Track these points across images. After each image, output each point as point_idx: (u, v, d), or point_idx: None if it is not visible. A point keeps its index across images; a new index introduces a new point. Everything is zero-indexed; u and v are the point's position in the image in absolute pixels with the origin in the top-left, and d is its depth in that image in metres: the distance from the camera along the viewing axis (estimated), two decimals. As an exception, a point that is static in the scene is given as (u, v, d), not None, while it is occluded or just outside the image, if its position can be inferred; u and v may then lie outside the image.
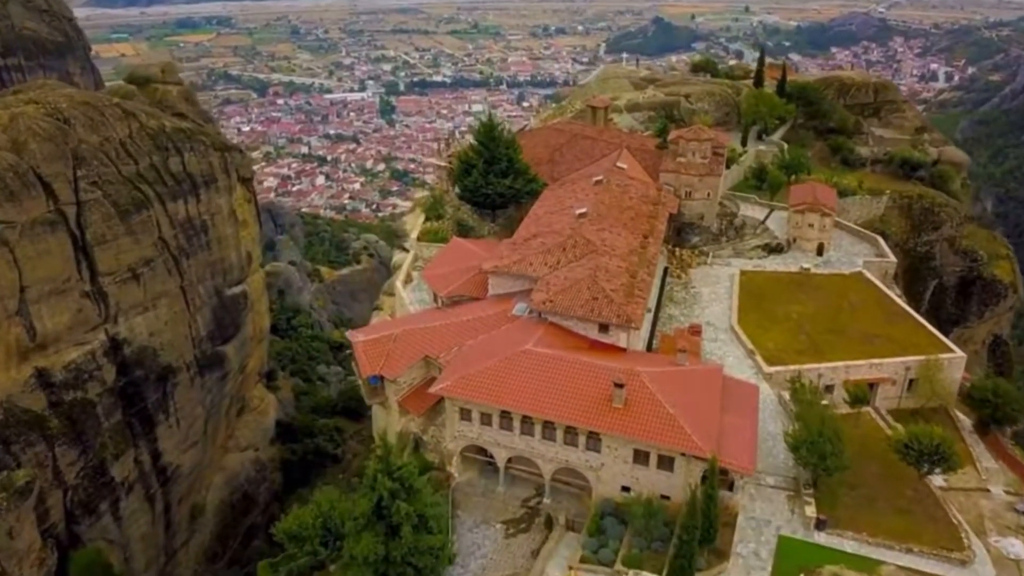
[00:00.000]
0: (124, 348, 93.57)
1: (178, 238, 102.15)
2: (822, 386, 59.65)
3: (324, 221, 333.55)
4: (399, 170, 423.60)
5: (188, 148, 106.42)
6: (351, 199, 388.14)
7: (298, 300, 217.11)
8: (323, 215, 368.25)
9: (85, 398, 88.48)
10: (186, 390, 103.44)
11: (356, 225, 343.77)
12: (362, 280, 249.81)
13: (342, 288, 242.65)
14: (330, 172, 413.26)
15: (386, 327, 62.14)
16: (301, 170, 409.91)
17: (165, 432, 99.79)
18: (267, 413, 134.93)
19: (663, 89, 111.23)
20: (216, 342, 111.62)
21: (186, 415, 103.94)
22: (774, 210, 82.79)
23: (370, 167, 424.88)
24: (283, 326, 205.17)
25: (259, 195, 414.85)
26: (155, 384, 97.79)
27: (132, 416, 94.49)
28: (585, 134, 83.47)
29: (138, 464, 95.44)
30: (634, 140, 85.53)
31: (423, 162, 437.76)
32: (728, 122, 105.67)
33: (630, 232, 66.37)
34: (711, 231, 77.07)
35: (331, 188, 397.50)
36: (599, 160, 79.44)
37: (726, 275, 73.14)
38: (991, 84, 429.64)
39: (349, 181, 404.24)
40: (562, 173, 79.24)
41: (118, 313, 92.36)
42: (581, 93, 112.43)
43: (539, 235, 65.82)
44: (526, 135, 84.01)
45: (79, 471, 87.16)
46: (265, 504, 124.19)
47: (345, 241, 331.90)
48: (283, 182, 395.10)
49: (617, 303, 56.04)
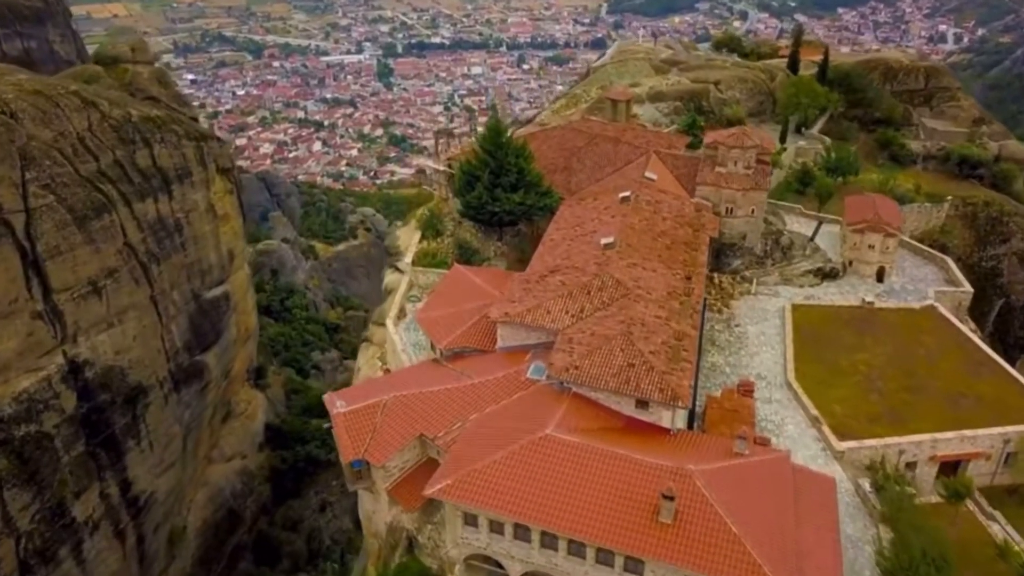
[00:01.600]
0: (86, 371, 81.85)
1: (147, 242, 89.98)
2: (903, 463, 48.28)
3: (321, 190, 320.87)
4: (397, 135, 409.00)
5: (158, 139, 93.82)
6: (348, 166, 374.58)
7: (292, 280, 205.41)
8: (320, 183, 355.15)
9: (40, 431, 76.87)
10: (159, 410, 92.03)
11: (353, 194, 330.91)
12: (359, 256, 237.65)
13: (338, 265, 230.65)
14: (327, 138, 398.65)
15: (373, 389, 50.34)
16: (298, 136, 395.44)
17: (136, 459, 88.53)
18: (255, 417, 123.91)
19: (688, 74, 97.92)
20: (194, 352, 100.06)
21: (160, 436, 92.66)
22: (822, 223, 70.70)
23: (368, 132, 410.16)
24: (277, 308, 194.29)
25: (255, 162, 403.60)
26: (123, 407, 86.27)
27: (96, 446, 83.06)
28: (606, 135, 70.91)
29: (104, 499, 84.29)
30: (661, 140, 73.01)
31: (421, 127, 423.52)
32: (762, 112, 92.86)
33: (667, 266, 54.32)
34: (754, 253, 65.02)
35: (328, 155, 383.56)
36: (623, 168, 67.01)
37: (774, 309, 61.23)
38: (1002, 46, 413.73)
39: (346, 147, 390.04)
40: (581, 183, 66.89)
41: (77, 332, 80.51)
42: (596, 78, 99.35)
43: (557, 271, 53.77)
44: (538, 136, 71.43)
45: (34, 515, 75.83)
46: (252, 520, 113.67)
47: (342, 212, 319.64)
48: (279, 148, 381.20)
49: (659, 371, 44.25)
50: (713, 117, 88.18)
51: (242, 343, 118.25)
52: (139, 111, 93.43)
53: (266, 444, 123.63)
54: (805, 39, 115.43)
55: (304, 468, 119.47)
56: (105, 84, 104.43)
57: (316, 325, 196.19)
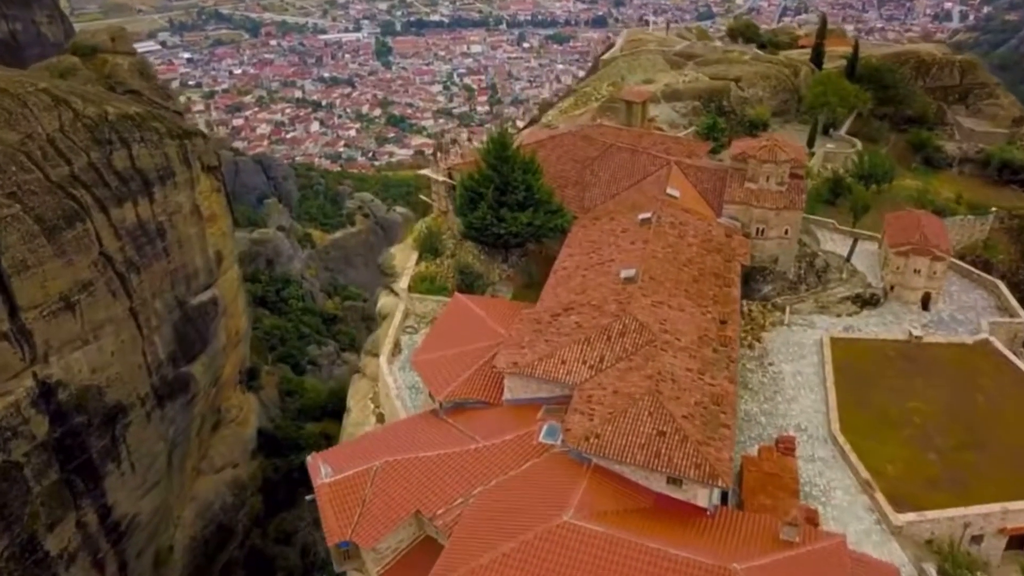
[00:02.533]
0: (58, 392, 75.03)
1: (126, 250, 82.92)
2: (967, 537, 41.82)
3: (318, 173, 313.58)
4: (395, 115, 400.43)
5: (137, 139, 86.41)
6: (347, 147, 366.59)
7: (288, 269, 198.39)
8: (318, 164, 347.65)
9: (7, 461, 70.14)
10: (142, 428, 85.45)
11: (351, 176, 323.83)
12: (356, 243, 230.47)
13: (335, 253, 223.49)
14: (325, 118, 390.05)
15: (362, 449, 43.64)
16: (295, 116, 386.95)
17: (116, 482, 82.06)
18: (247, 423, 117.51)
19: (706, 69, 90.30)
20: (180, 363, 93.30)
21: (143, 456, 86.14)
22: (858, 240, 63.75)
23: (366, 112, 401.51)
24: (272, 298, 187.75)
25: (252, 143, 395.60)
26: (101, 429, 79.62)
27: (72, 472, 76.49)
28: (621, 143, 63.72)
29: (81, 528, 77.90)
30: (682, 147, 65.84)
31: (420, 107, 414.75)
32: (785, 112, 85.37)
33: (696, 303, 47.51)
34: (787, 278, 58.24)
35: (326, 135, 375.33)
36: (641, 181, 59.94)
37: (811, 342, 54.50)
38: (1008, 25, 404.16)
39: (344, 128, 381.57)
40: (595, 199, 59.82)
41: (48, 352, 73.60)
42: (607, 73, 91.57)
43: (572, 309, 46.96)
44: (546, 144, 64.20)
45: (1, 552, 69.75)
46: (244, 534, 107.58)
47: (340, 195, 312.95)
48: (276, 129, 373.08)
49: (694, 442, 37.58)
50: (734, 118, 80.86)
51: (233, 347, 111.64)
52: (116, 108, 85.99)
53: (259, 451, 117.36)
54: (833, 29, 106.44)
55: (299, 478, 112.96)
56: (82, 77, 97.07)
57: (313, 316, 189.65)
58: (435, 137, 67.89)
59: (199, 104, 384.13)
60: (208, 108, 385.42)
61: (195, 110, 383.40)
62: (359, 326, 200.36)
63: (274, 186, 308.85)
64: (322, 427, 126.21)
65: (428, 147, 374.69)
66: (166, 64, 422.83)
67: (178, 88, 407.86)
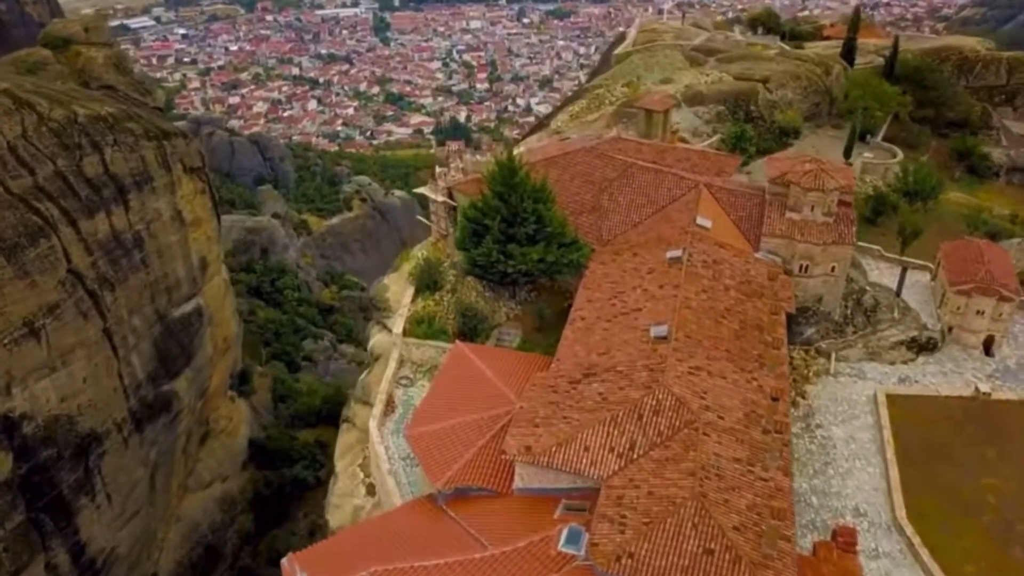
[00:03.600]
0: (23, 426, 67.89)
1: (98, 265, 75.41)
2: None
3: (315, 154, 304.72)
4: (394, 93, 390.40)
5: (110, 142, 78.62)
6: (344, 125, 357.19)
7: (283, 258, 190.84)
8: (315, 144, 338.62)
9: (-36, 508, 63.71)
10: (118, 456, 78.49)
11: (349, 156, 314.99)
12: (354, 229, 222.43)
13: (332, 240, 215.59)
14: (322, 96, 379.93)
15: (345, 554, 36.36)
16: (292, 94, 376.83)
17: (90, 517, 75.17)
18: (237, 433, 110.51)
19: (729, 67, 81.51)
20: (161, 381, 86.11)
21: (121, 485, 79.22)
22: (907, 270, 56.14)
23: (364, 90, 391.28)
24: (267, 289, 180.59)
25: (248, 121, 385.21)
26: (72, 461, 72.58)
27: (40, 511, 69.62)
28: (643, 162, 55.83)
29: (52, 570, 71.00)
30: (709, 163, 58.01)
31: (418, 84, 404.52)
32: (817, 115, 76.96)
33: (739, 367, 40.07)
34: (832, 319, 50.89)
35: (323, 114, 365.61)
36: (667, 208, 52.24)
37: (862, 398, 47.16)
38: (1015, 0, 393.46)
39: (342, 106, 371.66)
40: (615, 228, 52.05)
41: (11, 383, 66.33)
42: (621, 72, 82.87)
43: (594, 373, 39.57)
44: (558, 163, 56.27)
45: (-41, 607, 63.14)
46: (234, 554, 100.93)
47: (338, 176, 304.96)
48: (273, 107, 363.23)
49: (748, 563, 30.40)
50: (763, 124, 72.70)
51: (221, 355, 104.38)
52: (87, 110, 77.96)
53: (250, 462, 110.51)
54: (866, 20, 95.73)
55: (291, 492, 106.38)
56: (53, 73, 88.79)
57: (309, 307, 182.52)
58: (435, 157, 58.17)
59: (195, 81, 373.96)
60: (204, 85, 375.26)
61: (191, 87, 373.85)
62: (356, 316, 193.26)
63: (271, 167, 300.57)
64: (316, 434, 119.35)
65: (427, 125, 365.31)
66: (160, 40, 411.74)
67: (173, 65, 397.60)
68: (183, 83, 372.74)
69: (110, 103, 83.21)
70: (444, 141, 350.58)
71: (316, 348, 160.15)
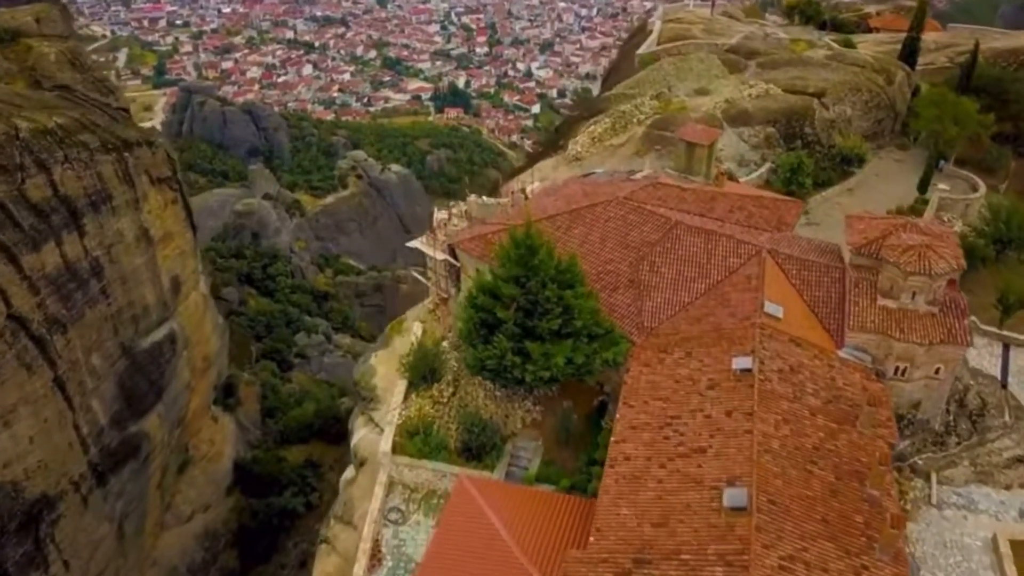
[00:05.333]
0: (-45, 502, 57.70)
1: (46, 305, 63.97)
2: None
3: (311, 123, 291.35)
4: (391, 58, 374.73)
5: (60, 159, 66.64)
6: (341, 91, 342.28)
7: (276, 243, 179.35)
8: (311, 111, 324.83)
9: None
10: (76, 518, 68.00)
11: (346, 127, 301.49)
12: (349, 208, 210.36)
13: (327, 220, 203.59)
14: (318, 61, 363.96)
15: None
16: (287, 58, 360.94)
17: (44, 591, 65.14)
18: (221, 456, 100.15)
19: (774, 74, 67.75)
20: (127, 423, 75.40)
21: (81, 548, 68.88)
22: (1010, 348, 45.05)
23: (360, 54, 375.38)
24: (259, 275, 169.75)
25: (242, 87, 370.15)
26: (19, 534, 61.90)
27: (-20, 596, 59.65)
28: (687, 212, 44.29)
29: (-1, 658, 61.27)
30: (767, 212, 46.49)
31: (416, 48, 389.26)
32: (879, 134, 64.18)
33: (842, 546, 29.18)
34: (931, 428, 40.10)
35: (319, 79, 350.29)
36: (723, 284, 40.89)
37: (977, 542, 36.17)
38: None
39: (338, 71, 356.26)
40: (658, 313, 40.67)
41: (-63, 456, 55.95)
42: (648, 80, 69.00)
43: (648, 561, 28.72)
44: (584, 218, 44.44)
45: None
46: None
47: (333, 147, 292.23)
48: (267, 72, 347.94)
49: None
50: (820, 150, 60.30)
51: (201, 376, 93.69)
52: (30, 123, 65.80)
53: (235, 487, 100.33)
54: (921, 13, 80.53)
55: (279, 524, 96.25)
56: (-5, 71, 76.42)
57: (303, 294, 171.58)
58: (433, 218, 46.09)
59: (187, 45, 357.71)
60: (196, 49, 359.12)
61: (183, 51, 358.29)
62: (352, 302, 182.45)
63: (265, 137, 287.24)
64: (307, 452, 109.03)
65: (425, 91, 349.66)
66: (152, 3, 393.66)
67: (165, 28, 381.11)
68: (175, 47, 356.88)
69: (61, 112, 70.94)
70: (443, 108, 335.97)
71: (309, 343, 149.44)
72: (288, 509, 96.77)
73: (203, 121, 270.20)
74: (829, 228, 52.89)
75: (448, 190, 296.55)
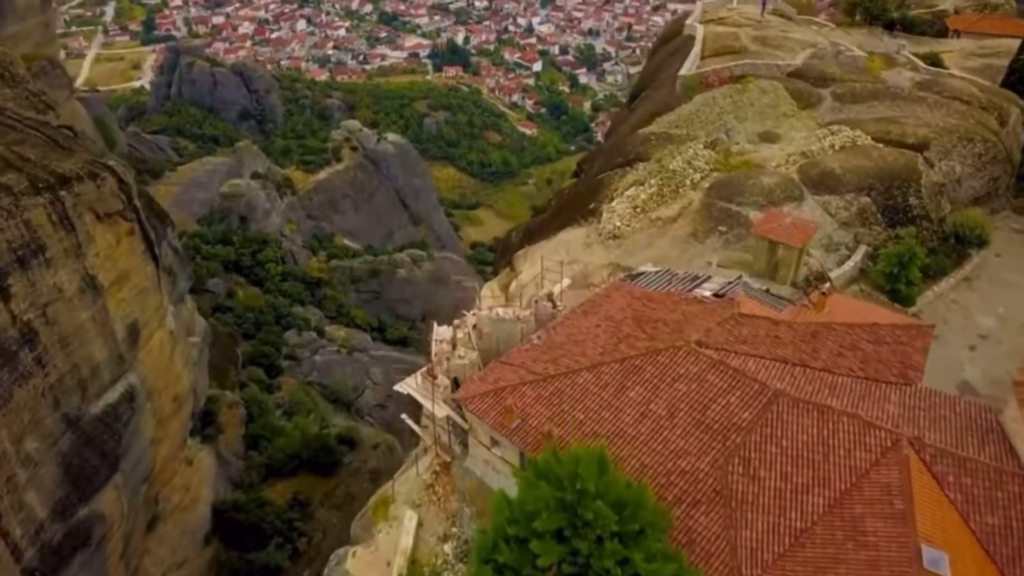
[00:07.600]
0: None
1: (-43, 397, 50.97)
2: None
3: (304, 84, 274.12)
4: (387, 12, 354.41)
5: (-29, 211, 52.88)
6: (336, 48, 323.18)
7: (265, 226, 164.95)
8: (304, 69, 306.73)
9: None
10: (9, 638, 55.96)
11: (340, 87, 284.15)
12: (343, 183, 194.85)
13: (320, 197, 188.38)
14: (312, 15, 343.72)
15: None
16: (280, 13, 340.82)
17: None
18: (196, 503, 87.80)
19: (856, 111, 50.83)
20: (75, 509, 62.56)
21: (17, 669, 57.06)
22: None
23: (356, 8, 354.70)
24: (247, 263, 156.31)
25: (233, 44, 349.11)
26: None
27: None
28: (793, 381, 31.04)
29: None
30: (889, 351, 33.16)
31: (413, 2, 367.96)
32: (991, 195, 49.27)
33: None
34: None
35: (313, 35, 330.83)
36: (851, 495, 27.79)
37: None
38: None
39: (333, 27, 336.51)
40: (759, 548, 27.62)
41: None
42: (699, 117, 51.95)
43: None
44: (641, 373, 30.96)
45: None
46: (191, 671, 79.92)
47: (328, 109, 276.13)
48: (260, 28, 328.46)
49: None
50: (928, 226, 45.48)
51: (170, 419, 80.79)
52: (-69, 167, 51.66)
53: (213, 534, 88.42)
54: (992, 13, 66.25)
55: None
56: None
57: (294, 282, 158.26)
58: (433, 355, 33.59)
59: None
60: (187, 3, 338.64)
61: (173, 5, 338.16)
62: (347, 288, 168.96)
63: (256, 100, 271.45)
64: (294, 487, 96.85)
65: (423, 48, 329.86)
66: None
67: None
68: (164, 1, 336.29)
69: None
70: (441, 67, 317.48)
71: (300, 341, 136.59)
72: (272, 566, 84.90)
73: (192, 83, 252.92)
74: (949, 342, 39.35)
75: (447, 154, 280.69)
